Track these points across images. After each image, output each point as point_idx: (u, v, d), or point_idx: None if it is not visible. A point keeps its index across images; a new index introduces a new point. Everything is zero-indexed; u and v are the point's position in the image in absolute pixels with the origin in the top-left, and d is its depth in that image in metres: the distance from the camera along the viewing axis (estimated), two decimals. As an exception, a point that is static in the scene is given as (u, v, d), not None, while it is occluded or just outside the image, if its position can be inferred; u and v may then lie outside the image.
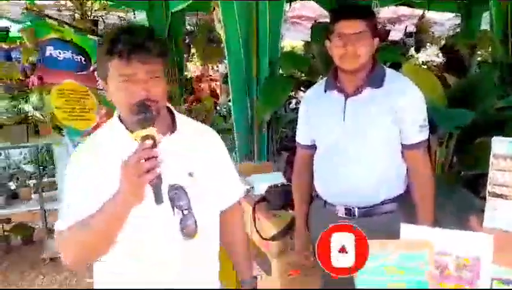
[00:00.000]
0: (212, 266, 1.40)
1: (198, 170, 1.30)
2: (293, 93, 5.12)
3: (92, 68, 3.88)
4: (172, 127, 1.32)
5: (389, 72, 1.82)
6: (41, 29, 3.83)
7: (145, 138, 1.07)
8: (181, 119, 1.36)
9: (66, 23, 4.02)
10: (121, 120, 1.28)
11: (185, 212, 1.25)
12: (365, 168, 1.76)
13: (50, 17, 3.96)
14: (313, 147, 1.94)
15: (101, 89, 1.84)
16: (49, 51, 3.78)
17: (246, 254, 1.57)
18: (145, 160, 1.03)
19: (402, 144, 1.79)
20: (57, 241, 1.25)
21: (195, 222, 1.26)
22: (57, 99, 3.75)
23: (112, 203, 1.10)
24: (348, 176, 1.78)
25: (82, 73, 3.86)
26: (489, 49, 5.30)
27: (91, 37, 3.99)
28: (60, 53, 3.80)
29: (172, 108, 1.36)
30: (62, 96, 3.76)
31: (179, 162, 1.26)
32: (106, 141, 1.29)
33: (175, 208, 1.24)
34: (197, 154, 1.33)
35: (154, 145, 1.07)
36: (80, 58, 3.87)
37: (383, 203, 1.79)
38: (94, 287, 1.34)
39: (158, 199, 1.07)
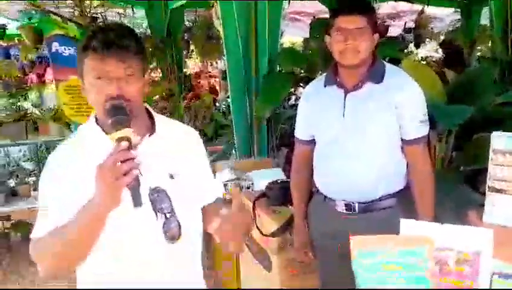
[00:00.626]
0: (196, 267, 1.38)
1: (179, 171, 1.27)
2: (293, 89, 5.13)
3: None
4: (151, 128, 1.29)
5: (389, 67, 1.82)
6: (46, 26, 3.84)
7: (121, 139, 1.04)
8: (160, 120, 1.33)
9: (70, 20, 4.01)
10: (97, 121, 1.25)
11: (168, 215, 1.22)
12: (364, 164, 1.76)
13: (55, 14, 3.95)
14: (312, 143, 1.93)
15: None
16: (55, 47, 3.79)
17: None
18: (122, 162, 1.00)
19: (402, 140, 1.78)
20: (34, 250, 1.20)
21: (179, 224, 1.24)
22: (65, 95, 3.80)
23: (90, 207, 1.08)
24: (347, 172, 1.78)
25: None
26: (489, 44, 5.31)
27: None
28: (65, 49, 3.81)
29: (150, 109, 1.33)
30: (69, 93, 3.79)
31: (160, 163, 1.23)
32: (84, 143, 1.25)
33: (157, 211, 1.21)
34: (178, 155, 1.29)
35: (131, 147, 1.04)
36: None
37: (381, 199, 1.79)
38: (77, 287, 1.31)
39: (136, 202, 1.04)
